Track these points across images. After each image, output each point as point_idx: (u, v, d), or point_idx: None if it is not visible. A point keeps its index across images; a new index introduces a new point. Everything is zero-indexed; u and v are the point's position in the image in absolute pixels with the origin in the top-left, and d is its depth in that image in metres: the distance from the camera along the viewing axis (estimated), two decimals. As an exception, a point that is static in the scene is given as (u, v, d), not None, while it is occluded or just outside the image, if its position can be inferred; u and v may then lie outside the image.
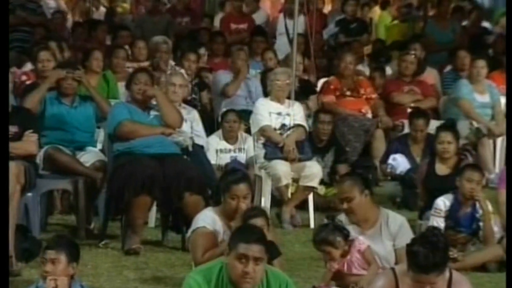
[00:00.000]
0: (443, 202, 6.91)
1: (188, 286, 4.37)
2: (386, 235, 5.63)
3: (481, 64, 9.73)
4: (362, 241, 5.57)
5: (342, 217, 5.80)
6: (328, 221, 5.71)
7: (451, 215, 6.85)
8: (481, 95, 9.76)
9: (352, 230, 5.64)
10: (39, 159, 7.08)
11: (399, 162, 8.81)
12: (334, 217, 5.78)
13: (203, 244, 5.49)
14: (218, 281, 4.37)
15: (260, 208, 6.27)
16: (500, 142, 9.74)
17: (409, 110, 9.61)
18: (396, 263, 5.38)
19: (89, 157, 7.37)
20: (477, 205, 6.85)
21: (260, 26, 12.46)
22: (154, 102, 7.30)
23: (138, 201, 6.80)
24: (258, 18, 12.70)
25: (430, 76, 10.61)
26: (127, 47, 10.27)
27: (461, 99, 9.69)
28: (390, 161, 8.87)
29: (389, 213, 5.78)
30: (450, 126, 8.52)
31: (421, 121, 9.00)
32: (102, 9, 14.75)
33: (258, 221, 5.52)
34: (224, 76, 9.82)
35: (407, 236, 5.39)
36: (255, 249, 4.31)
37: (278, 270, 4.60)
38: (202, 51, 10.67)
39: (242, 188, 5.63)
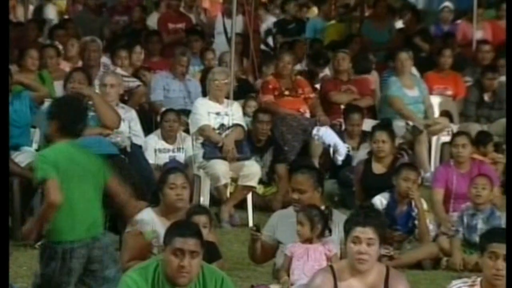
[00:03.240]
0: (379, 201, 6.99)
1: (125, 285, 4.36)
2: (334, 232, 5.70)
3: (404, 56, 9.87)
4: (332, 247, 5.61)
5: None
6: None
7: (387, 214, 6.92)
8: (410, 90, 9.89)
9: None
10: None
11: (325, 133, 8.94)
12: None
13: (132, 249, 5.46)
14: (155, 279, 4.38)
15: (203, 206, 6.29)
16: (435, 141, 9.89)
17: (342, 107, 9.73)
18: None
19: (24, 157, 7.27)
20: (413, 203, 6.94)
21: (196, 25, 12.45)
22: (91, 102, 7.23)
23: None
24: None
25: (374, 76, 10.75)
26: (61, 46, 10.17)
27: (392, 96, 9.81)
28: (314, 131, 8.99)
29: (334, 211, 5.88)
30: (385, 125, 8.63)
31: (356, 116, 9.17)
32: (31, 8, 14.54)
33: (202, 219, 5.54)
34: (162, 77, 9.78)
35: None
36: (190, 243, 4.34)
37: (213, 266, 4.64)
38: (138, 49, 10.59)
39: (179, 177, 5.63)
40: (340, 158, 8.92)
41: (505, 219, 6.99)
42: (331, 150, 8.94)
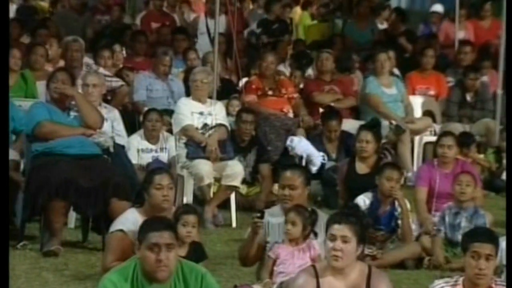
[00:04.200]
0: (363, 201, 7.00)
1: (103, 287, 4.36)
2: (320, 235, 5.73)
3: (383, 57, 9.91)
4: (316, 249, 5.61)
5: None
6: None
7: (370, 213, 6.93)
8: (388, 89, 9.93)
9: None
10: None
11: (298, 144, 8.95)
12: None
13: (115, 250, 5.45)
14: (134, 279, 4.38)
15: (191, 205, 6.29)
16: (418, 140, 9.93)
17: (321, 110, 9.74)
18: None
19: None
20: (396, 203, 6.96)
21: (182, 25, 12.44)
22: (73, 102, 7.21)
23: (53, 205, 6.71)
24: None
25: (357, 76, 10.78)
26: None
27: (369, 94, 9.85)
28: (288, 142, 9.01)
29: (318, 212, 5.89)
30: (372, 126, 8.64)
31: (333, 122, 9.19)
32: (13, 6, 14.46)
33: (191, 218, 5.54)
34: (145, 77, 9.76)
35: None
36: (165, 236, 4.34)
37: (193, 263, 4.63)
38: (118, 48, 10.56)
39: (165, 177, 5.64)
40: (314, 168, 8.93)
41: (487, 218, 7.03)
42: (304, 161, 8.94)
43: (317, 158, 8.95)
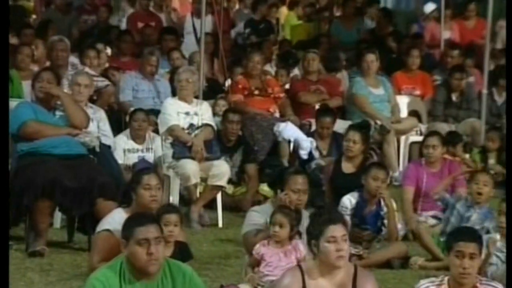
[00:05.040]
0: (349, 200, 7.01)
1: (91, 287, 4.37)
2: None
3: (371, 58, 9.93)
4: (302, 250, 5.62)
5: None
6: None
7: (356, 213, 6.95)
8: (375, 89, 9.96)
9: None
10: None
11: (285, 129, 8.97)
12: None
13: (102, 250, 5.45)
14: (121, 277, 4.41)
15: (173, 205, 6.29)
16: (404, 140, 9.96)
17: (316, 107, 9.77)
18: None
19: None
20: (382, 203, 6.97)
21: (171, 25, 12.43)
22: (59, 102, 7.19)
23: (39, 205, 6.69)
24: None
25: (343, 75, 10.80)
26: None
27: (356, 95, 9.87)
28: (275, 128, 9.08)
29: (302, 211, 5.98)
30: (362, 127, 8.67)
31: (327, 119, 9.21)
32: None
33: (172, 217, 5.54)
34: (131, 77, 9.75)
35: None
36: (153, 230, 4.42)
37: (179, 262, 4.67)
38: (101, 46, 10.53)
39: (153, 178, 5.65)
40: (303, 152, 8.97)
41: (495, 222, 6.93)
42: (292, 145, 8.99)
43: (305, 142, 9.01)
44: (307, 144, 9.00)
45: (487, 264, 5.92)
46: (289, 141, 9.04)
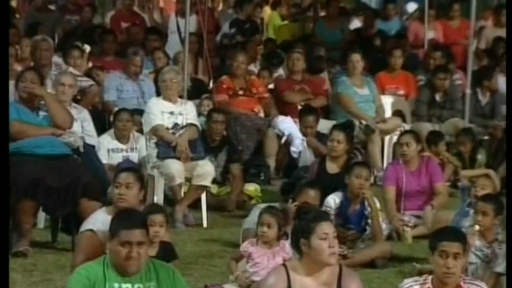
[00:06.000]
0: (333, 200, 7.02)
1: (74, 280, 4.44)
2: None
3: (356, 58, 9.95)
4: (289, 250, 5.61)
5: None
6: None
7: (340, 213, 6.96)
8: (360, 89, 9.98)
9: None
10: None
11: (282, 122, 9.05)
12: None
13: (85, 250, 5.43)
14: (104, 271, 4.48)
15: (159, 205, 6.28)
16: (388, 140, 9.98)
17: (299, 107, 9.79)
18: None
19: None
20: (366, 202, 6.98)
21: (155, 25, 12.41)
22: (43, 102, 7.17)
23: (22, 206, 6.66)
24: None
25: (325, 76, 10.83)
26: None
27: (341, 94, 9.89)
28: (272, 122, 9.08)
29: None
30: (346, 127, 8.68)
31: (310, 118, 9.23)
32: None
33: (158, 218, 5.53)
34: (116, 77, 9.73)
35: None
36: (137, 234, 4.46)
37: (163, 262, 4.72)
38: (80, 46, 10.50)
39: (125, 176, 5.59)
40: (294, 150, 8.98)
41: None
42: (284, 139, 9.00)
43: (298, 139, 9.03)
44: (298, 142, 9.03)
45: (466, 263, 5.94)
46: (283, 135, 9.06)
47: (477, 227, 6.01)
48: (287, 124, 9.20)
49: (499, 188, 7.33)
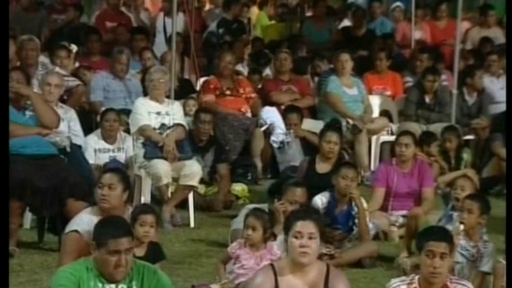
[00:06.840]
0: (320, 200, 7.02)
1: (62, 277, 4.45)
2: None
3: (345, 57, 9.95)
4: (276, 251, 5.61)
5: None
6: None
7: (328, 213, 6.96)
8: (349, 89, 9.99)
9: None
10: None
11: (267, 112, 9.07)
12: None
13: (70, 251, 5.42)
14: (89, 274, 4.50)
15: (150, 205, 6.26)
16: (375, 140, 9.99)
17: (283, 106, 9.81)
18: None
19: None
20: (353, 202, 6.99)
21: (141, 25, 12.38)
22: (29, 102, 7.15)
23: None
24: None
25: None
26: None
27: (330, 93, 9.90)
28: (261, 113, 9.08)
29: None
30: (337, 127, 8.67)
31: (294, 116, 9.25)
32: None
33: (148, 218, 5.51)
34: (102, 78, 9.70)
35: None
36: (125, 242, 4.48)
37: (143, 261, 4.73)
38: (70, 46, 10.47)
39: (108, 176, 5.59)
40: (274, 139, 8.99)
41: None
42: (265, 127, 9.01)
43: (279, 129, 9.06)
44: (280, 131, 9.05)
45: (453, 263, 5.95)
46: (265, 123, 9.09)
47: (462, 227, 6.01)
48: (270, 114, 9.24)
49: (479, 187, 7.33)
